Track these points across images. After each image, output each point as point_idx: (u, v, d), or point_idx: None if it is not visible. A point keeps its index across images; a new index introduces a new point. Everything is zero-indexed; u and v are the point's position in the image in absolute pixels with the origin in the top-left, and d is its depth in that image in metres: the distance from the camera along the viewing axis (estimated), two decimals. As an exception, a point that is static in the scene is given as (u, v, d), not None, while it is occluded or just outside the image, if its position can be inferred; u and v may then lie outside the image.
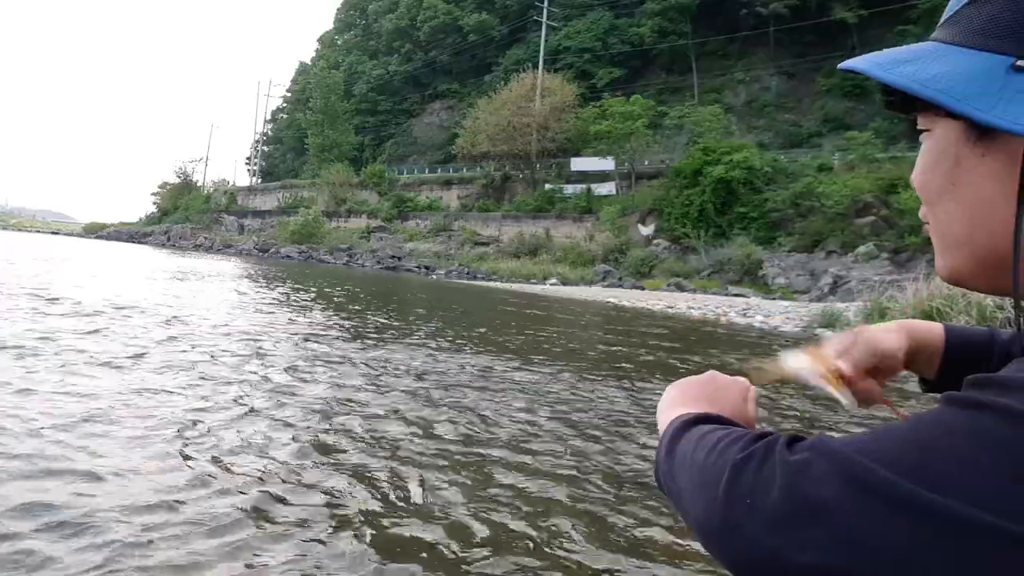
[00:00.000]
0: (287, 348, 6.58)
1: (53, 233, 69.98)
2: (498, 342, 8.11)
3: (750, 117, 39.93)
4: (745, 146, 29.01)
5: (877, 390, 0.76)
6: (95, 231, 65.06)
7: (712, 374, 0.70)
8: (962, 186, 0.49)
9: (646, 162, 35.39)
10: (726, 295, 21.48)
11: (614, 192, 35.51)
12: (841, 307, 12.82)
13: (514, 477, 3.20)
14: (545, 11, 46.25)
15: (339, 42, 76.01)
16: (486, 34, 55.28)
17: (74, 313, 7.61)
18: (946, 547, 0.36)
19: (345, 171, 48.17)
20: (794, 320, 13.08)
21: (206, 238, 48.17)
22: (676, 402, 0.65)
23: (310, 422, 3.94)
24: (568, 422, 4.28)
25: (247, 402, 4.27)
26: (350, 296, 14.49)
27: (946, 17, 0.52)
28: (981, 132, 0.47)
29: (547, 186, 39.05)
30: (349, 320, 9.52)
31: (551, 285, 25.01)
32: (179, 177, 66.16)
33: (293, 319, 9.10)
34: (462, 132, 43.38)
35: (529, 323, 11.15)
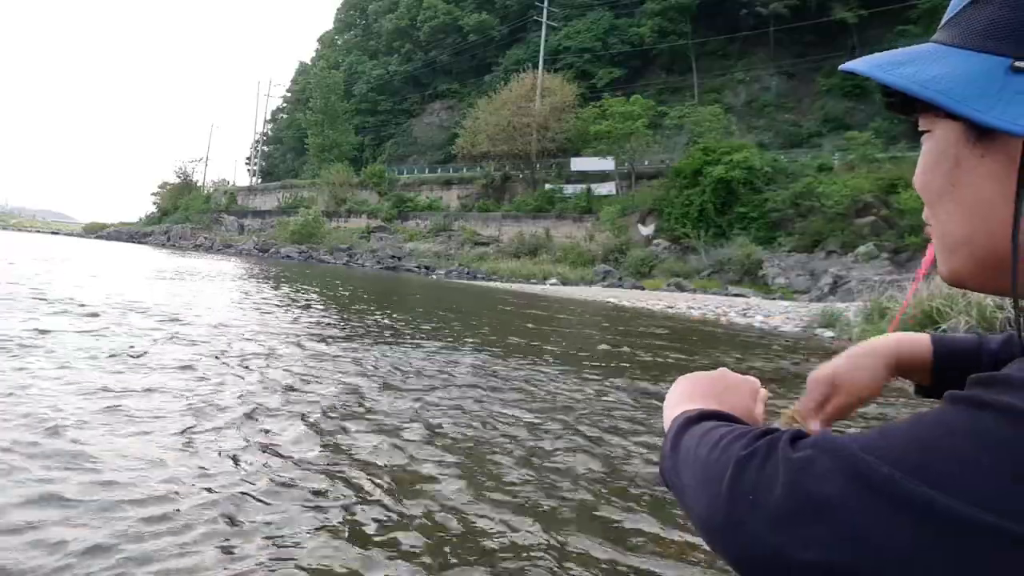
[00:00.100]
0: (287, 347, 6.58)
1: (53, 233, 70.03)
2: (498, 342, 8.11)
3: (750, 117, 39.95)
4: (745, 146, 29.02)
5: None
6: (95, 231, 65.14)
7: (723, 371, 0.70)
8: (962, 187, 0.49)
9: (646, 162, 35.41)
10: (726, 295, 21.48)
11: (614, 192, 35.53)
12: (841, 307, 12.81)
13: (515, 476, 3.20)
14: (545, 11, 46.27)
15: (339, 42, 76.07)
16: (486, 34, 55.32)
17: (74, 313, 7.62)
18: (947, 547, 0.36)
19: (345, 171, 48.20)
20: (794, 320, 13.07)
21: (206, 238, 48.20)
22: (684, 397, 0.65)
23: (310, 422, 3.94)
24: (568, 422, 4.28)
25: (247, 401, 4.27)
26: (350, 296, 14.49)
27: (947, 19, 0.52)
28: (980, 133, 0.47)
29: (547, 186, 39.06)
30: (349, 320, 9.52)
31: (551, 285, 25.01)
32: (179, 177, 66.27)
33: (293, 319, 9.10)
34: (462, 132, 43.40)
35: (529, 323, 11.15)
